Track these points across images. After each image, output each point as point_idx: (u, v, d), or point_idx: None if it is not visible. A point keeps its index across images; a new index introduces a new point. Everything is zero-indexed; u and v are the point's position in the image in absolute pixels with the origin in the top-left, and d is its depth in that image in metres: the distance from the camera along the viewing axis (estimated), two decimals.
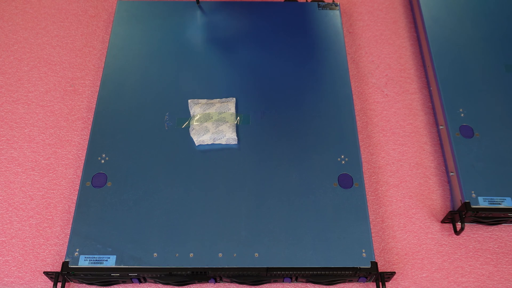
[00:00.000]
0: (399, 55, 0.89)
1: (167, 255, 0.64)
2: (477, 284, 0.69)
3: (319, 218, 0.67)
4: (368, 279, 0.67)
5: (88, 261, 0.64)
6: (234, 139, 0.72)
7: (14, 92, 0.83)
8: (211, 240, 0.65)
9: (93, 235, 0.66)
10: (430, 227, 0.73)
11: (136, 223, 0.67)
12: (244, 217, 0.67)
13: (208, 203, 0.68)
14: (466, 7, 0.87)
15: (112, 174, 0.70)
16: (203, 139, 0.72)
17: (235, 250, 0.65)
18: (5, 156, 0.77)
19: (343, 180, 0.70)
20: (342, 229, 0.66)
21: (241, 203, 0.68)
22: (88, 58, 0.87)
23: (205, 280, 0.67)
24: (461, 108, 0.76)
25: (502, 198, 0.69)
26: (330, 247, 0.65)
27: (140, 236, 0.66)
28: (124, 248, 0.65)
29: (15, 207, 0.73)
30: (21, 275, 0.68)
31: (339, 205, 0.68)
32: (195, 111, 0.74)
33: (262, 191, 0.69)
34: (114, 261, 0.64)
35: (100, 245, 0.65)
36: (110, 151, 0.72)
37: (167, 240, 0.65)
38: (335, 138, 0.74)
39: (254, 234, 0.66)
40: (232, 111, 0.74)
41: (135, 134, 0.73)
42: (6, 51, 0.87)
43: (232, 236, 0.66)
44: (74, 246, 0.65)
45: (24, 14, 0.91)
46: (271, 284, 0.68)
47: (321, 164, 0.71)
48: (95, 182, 0.69)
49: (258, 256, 0.64)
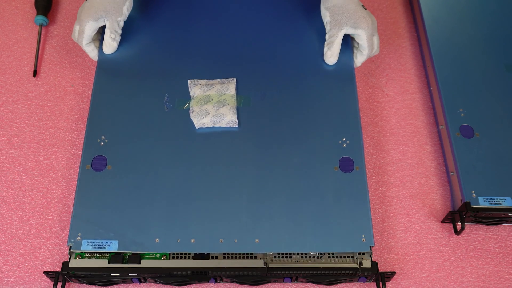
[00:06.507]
0: (399, 55, 0.89)
1: (169, 240, 0.64)
2: (478, 284, 0.69)
3: (320, 203, 0.67)
4: (368, 279, 0.67)
5: (91, 246, 0.63)
6: (234, 122, 0.71)
7: (14, 92, 0.83)
8: (212, 226, 0.65)
9: (95, 220, 0.65)
10: (430, 227, 0.73)
11: (137, 208, 0.66)
12: (245, 202, 0.67)
13: (209, 188, 0.68)
14: (466, 7, 0.87)
15: (112, 157, 0.69)
16: (203, 122, 0.71)
17: (236, 236, 0.64)
18: (5, 156, 0.77)
19: (344, 163, 0.69)
20: (342, 214, 0.66)
21: (242, 187, 0.68)
22: (88, 58, 0.87)
23: (205, 280, 0.67)
24: (461, 108, 0.76)
25: (503, 198, 0.69)
26: (330, 232, 0.65)
27: (142, 221, 0.65)
28: (126, 233, 0.64)
29: (15, 207, 0.73)
30: (21, 275, 0.68)
31: (340, 189, 0.67)
32: (195, 92, 0.73)
33: (262, 175, 0.69)
34: (116, 246, 0.63)
35: (102, 230, 0.64)
36: (109, 133, 0.71)
37: (169, 225, 0.65)
38: (336, 120, 0.73)
39: (255, 220, 0.66)
40: (233, 92, 0.73)
41: (134, 116, 0.72)
42: (6, 51, 0.87)
43: (233, 222, 0.65)
44: (76, 231, 0.64)
45: (24, 14, 0.91)
46: (271, 284, 0.68)
47: (322, 147, 0.70)
48: (95, 165, 0.69)
49: (259, 242, 0.64)
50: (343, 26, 0.73)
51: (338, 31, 0.74)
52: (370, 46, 0.74)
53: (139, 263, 0.64)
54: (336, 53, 0.75)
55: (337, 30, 0.74)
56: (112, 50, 0.77)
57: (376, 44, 0.75)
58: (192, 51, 0.79)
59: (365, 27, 0.73)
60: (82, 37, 0.74)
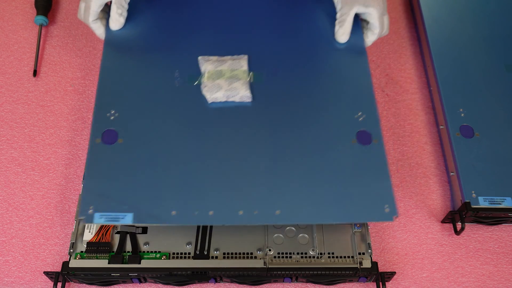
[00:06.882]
0: (399, 55, 0.89)
1: (186, 212, 0.62)
2: (478, 284, 0.69)
3: (340, 175, 0.65)
4: (368, 279, 0.67)
5: (104, 219, 0.61)
6: (248, 96, 0.70)
7: (14, 92, 0.83)
8: (231, 198, 0.63)
9: (108, 193, 0.63)
10: (430, 227, 0.73)
11: (152, 181, 0.64)
12: (263, 175, 0.65)
13: (225, 161, 0.66)
14: (466, 7, 0.87)
15: (123, 131, 0.67)
16: (216, 97, 0.70)
17: (256, 207, 0.63)
18: (5, 156, 0.77)
19: (361, 136, 0.68)
20: (363, 185, 0.65)
21: (259, 160, 0.66)
22: (88, 58, 0.87)
23: (205, 280, 0.67)
24: (461, 108, 0.76)
25: (503, 198, 0.69)
26: (352, 203, 0.63)
27: (157, 194, 0.63)
28: (140, 206, 0.62)
29: (15, 207, 0.73)
30: (21, 275, 0.68)
31: (359, 162, 0.66)
32: (206, 67, 0.72)
33: (279, 148, 0.67)
34: (131, 219, 0.61)
35: (115, 203, 0.62)
36: (119, 107, 0.69)
37: (185, 198, 0.63)
38: (350, 95, 0.71)
39: (275, 192, 0.64)
40: (245, 68, 0.72)
41: (144, 91, 0.71)
42: (6, 51, 0.87)
43: (252, 194, 0.64)
44: (88, 204, 0.61)
45: (24, 14, 0.91)
46: (271, 284, 0.68)
47: (338, 121, 0.69)
48: (106, 139, 0.66)
49: (280, 213, 0.62)
50: (354, 4, 0.73)
51: (349, 9, 0.73)
52: (381, 25, 0.74)
53: (139, 263, 0.64)
54: (348, 32, 0.74)
55: (348, 9, 0.73)
56: (119, 25, 0.75)
57: (386, 24, 0.75)
58: (202, 27, 0.77)
59: (376, 6, 0.72)
60: (89, 14, 0.73)
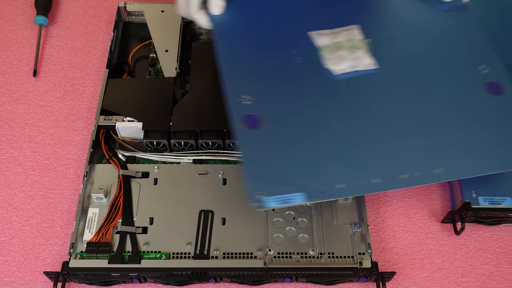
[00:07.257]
0: None
1: (352, 183, 0.62)
2: (477, 284, 0.69)
3: (485, 126, 0.66)
4: (368, 279, 0.67)
5: (277, 202, 0.61)
6: (373, 63, 0.70)
7: (14, 92, 0.83)
8: (387, 164, 0.63)
9: (271, 176, 0.62)
10: (430, 227, 0.73)
11: (309, 158, 0.64)
12: (412, 138, 0.65)
13: (372, 127, 0.66)
14: None
15: (263, 114, 0.66)
16: (341, 68, 0.69)
17: (418, 169, 0.63)
18: (5, 156, 0.77)
19: (492, 87, 0.69)
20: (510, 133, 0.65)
21: (404, 122, 0.66)
22: (88, 58, 0.87)
23: (205, 280, 0.67)
24: None
25: (503, 198, 0.69)
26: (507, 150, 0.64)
27: (317, 170, 0.63)
28: (305, 184, 0.62)
29: (15, 207, 0.73)
30: (21, 275, 0.68)
31: (497, 112, 0.67)
32: (322, 42, 0.71)
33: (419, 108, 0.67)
34: (303, 198, 0.61)
35: (283, 185, 0.61)
36: (251, 91, 0.68)
37: (345, 170, 0.63)
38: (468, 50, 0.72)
39: (431, 151, 0.64)
40: (361, 37, 0.72)
41: (268, 71, 0.70)
42: (6, 51, 0.87)
43: (409, 156, 0.64)
44: (255, 190, 0.61)
45: (24, 14, 0.91)
46: (271, 284, 0.68)
47: (465, 76, 0.70)
48: (249, 124, 0.65)
49: (443, 171, 0.63)
50: None
51: None
52: None
53: (139, 263, 0.64)
54: None
55: None
56: (221, 9, 0.72)
57: None
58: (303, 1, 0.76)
59: None
60: (190, 4, 0.70)
